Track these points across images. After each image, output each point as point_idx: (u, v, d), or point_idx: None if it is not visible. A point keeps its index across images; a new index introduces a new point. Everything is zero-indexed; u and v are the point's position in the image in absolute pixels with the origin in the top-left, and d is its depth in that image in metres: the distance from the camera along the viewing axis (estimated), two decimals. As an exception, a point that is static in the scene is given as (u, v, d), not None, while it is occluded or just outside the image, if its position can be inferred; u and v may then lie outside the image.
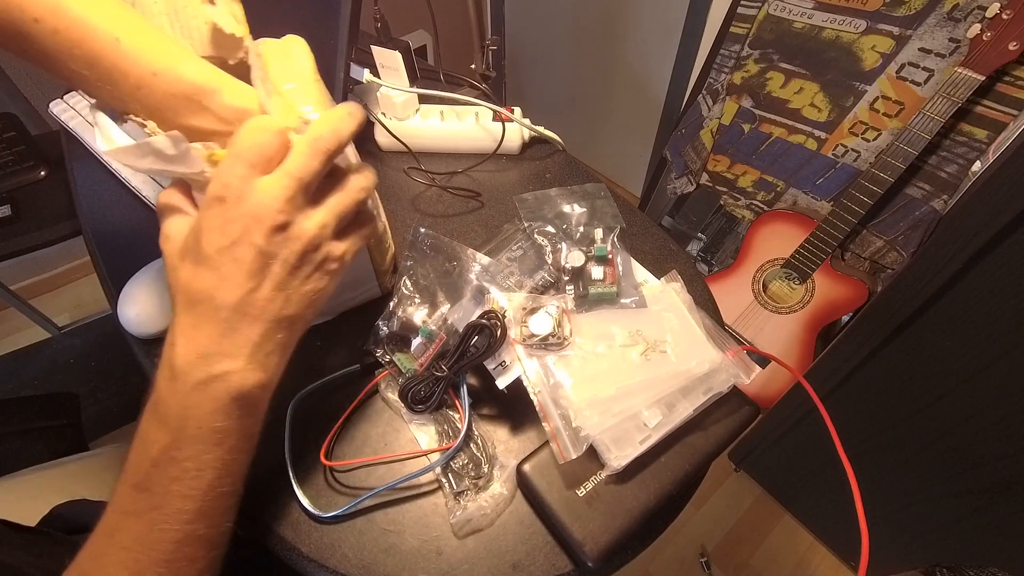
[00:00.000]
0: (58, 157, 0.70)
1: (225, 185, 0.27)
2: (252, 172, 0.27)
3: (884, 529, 0.90)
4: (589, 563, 0.34)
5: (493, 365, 0.38)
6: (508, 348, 0.38)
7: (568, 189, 0.55)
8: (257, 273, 0.28)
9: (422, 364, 0.41)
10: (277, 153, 0.28)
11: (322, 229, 0.29)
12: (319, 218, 0.29)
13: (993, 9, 0.75)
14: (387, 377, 0.43)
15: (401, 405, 0.41)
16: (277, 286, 0.28)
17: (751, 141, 1.15)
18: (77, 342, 1.37)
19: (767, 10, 1.02)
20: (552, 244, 0.47)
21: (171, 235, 0.30)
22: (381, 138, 0.63)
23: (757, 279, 1.14)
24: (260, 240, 0.27)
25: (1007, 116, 0.81)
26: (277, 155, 0.28)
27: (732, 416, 0.39)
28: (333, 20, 0.51)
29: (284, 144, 0.28)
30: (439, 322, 0.42)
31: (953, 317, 0.62)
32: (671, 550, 1.10)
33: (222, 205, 0.27)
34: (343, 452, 0.40)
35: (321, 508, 0.36)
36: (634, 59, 1.44)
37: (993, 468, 0.68)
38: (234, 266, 0.27)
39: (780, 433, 0.99)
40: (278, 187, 0.27)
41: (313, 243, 0.29)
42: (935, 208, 0.92)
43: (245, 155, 0.27)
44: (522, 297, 0.40)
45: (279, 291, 0.29)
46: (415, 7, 0.75)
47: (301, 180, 0.28)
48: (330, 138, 0.29)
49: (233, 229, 0.27)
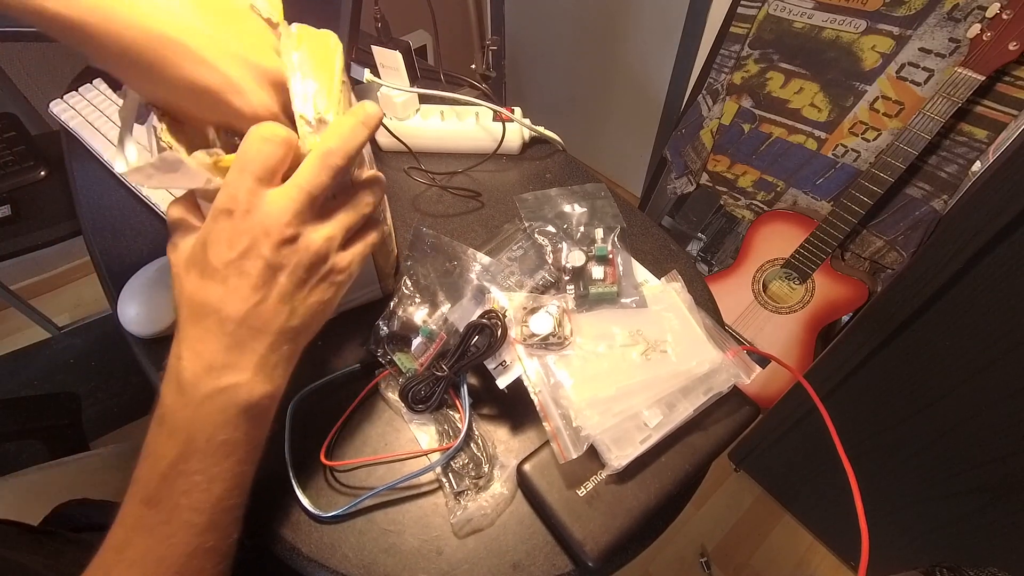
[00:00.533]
0: (58, 157, 0.70)
1: (232, 197, 0.27)
2: (259, 184, 0.27)
3: (884, 529, 0.90)
4: (589, 563, 0.34)
5: (493, 365, 0.38)
6: (509, 348, 0.38)
7: (568, 189, 0.56)
8: (264, 286, 0.28)
9: (422, 364, 0.41)
10: (283, 164, 0.28)
11: (329, 242, 0.30)
12: (327, 231, 0.29)
13: (993, 9, 0.75)
14: (387, 377, 0.43)
15: (401, 405, 0.41)
16: (283, 299, 0.28)
17: (751, 141, 1.15)
18: (77, 342, 1.37)
19: (767, 10, 1.02)
20: (553, 244, 0.47)
21: (179, 245, 0.29)
22: (381, 138, 0.63)
23: (757, 279, 1.14)
24: (268, 253, 0.27)
25: (1007, 116, 0.81)
26: (283, 166, 0.28)
27: (732, 416, 0.39)
28: (333, 20, 0.52)
29: (290, 154, 0.28)
30: (439, 322, 0.42)
31: (953, 317, 0.62)
32: (671, 550, 1.10)
33: (229, 218, 0.27)
34: (343, 452, 0.40)
35: (321, 508, 0.36)
36: (634, 59, 1.44)
37: (993, 468, 0.68)
38: (240, 279, 0.27)
39: (780, 433, 0.99)
40: (286, 200, 0.27)
41: (320, 256, 0.29)
42: (935, 208, 0.92)
43: (250, 167, 0.27)
44: (523, 297, 0.40)
45: (285, 303, 0.29)
46: (415, 7, 0.75)
47: (310, 194, 0.28)
48: (340, 152, 0.29)
49: (240, 241, 0.27)
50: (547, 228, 0.49)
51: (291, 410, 0.40)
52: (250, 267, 0.27)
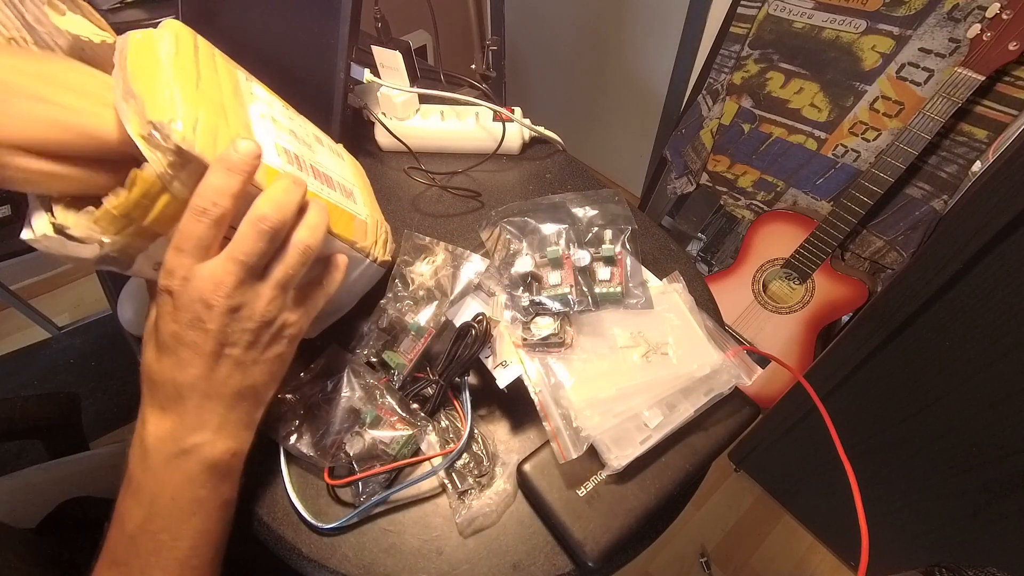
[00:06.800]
0: (58, 157, 0.70)
1: (169, 273, 0.27)
2: (193, 261, 0.27)
3: (884, 529, 0.90)
4: (589, 563, 0.34)
5: (494, 364, 0.38)
6: (509, 347, 0.38)
7: (582, 194, 0.53)
8: (212, 355, 0.28)
9: (411, 359, 0.41)
10: (216, 238, 0.27)
11: (273, 303, 0.29)
12: (269, 294, 0.29)
13: (993, 9, 0.75)
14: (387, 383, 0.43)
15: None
16: (235, 363, 0.29)
17: (751, 141, 1.15)
18: (77, 342, 1.37)
19: (767, 10, 1.02)
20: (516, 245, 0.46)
21: (151, 313, 0.30)
22: (381, 138, 0.63)
23: (757, 279, 1.14)
24: (212, 325, 0.27)
25: (1007, 116, 0.81)
26: (217, 240, 0.27)
27: (732, 416, 0.39)
28: (333, 20, 0.52)
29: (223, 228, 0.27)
30: (431, 322, 0.42)
31: (953, 317, 0.62)
32: (671, 550, 1.10)
33: (171, 295, 0.27)
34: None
35: (323, 517, 0.36)
36: (634, 59, 1.44)
37: (993, 468, 0.68)
38: (189, 350, 0.28)
39: (780, 433, 0.99)
40: (222, 272, 0.27)
41: (266, 320, 0.29)
42: (935, 208, 0.92)
43: (185, 246, 0.26)
44: (505, 298, 0.40)
45: (237, 367, 0.29)
46: (415, 7, 0.75)
47: (245, 263, 0.27)
48: (274, 216, 0.28)
49: (183, 317, 0.27)
50: (512, 229, 0.47)
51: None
52: (196, 339, 0.27)
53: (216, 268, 0.27)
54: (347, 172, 0.45)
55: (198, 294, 0.27)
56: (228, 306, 0.27)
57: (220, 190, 0.26)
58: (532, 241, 0.45)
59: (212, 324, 0.27)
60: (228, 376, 0.29)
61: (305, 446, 0.37)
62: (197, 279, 0.27)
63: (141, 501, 0.28)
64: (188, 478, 0.28)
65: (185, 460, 0.28)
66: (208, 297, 0.27)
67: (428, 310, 0.43)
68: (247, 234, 0.27)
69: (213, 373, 0.28)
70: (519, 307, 0.40)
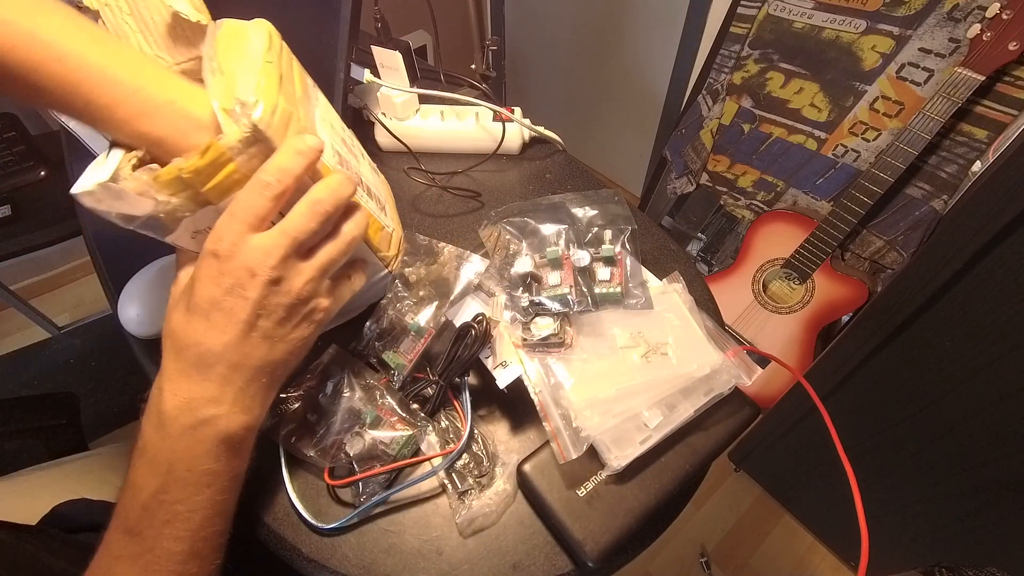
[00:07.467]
0: (58, 157, 0.70)
1: (219, 239, 0.28)
2: (247, 229, 0.28)
3: (884, 529, 0.90)
4: (589, 563, 0.34)
5: (494, 365, 0.38)
6: (509, 348, 0.38)
7: (582, 194, 0.54)
8: (245, 324, 0.28)
9: (411, 360, 0.41)
10: (272, 213, 0.28)
11: (312, 284, 0.30)
12: (310, 273, 0.30)
13: (993, 9, 0.75)
14: (387, 384, 0.43)
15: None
16: (264, 336, 0.29)
17: (751, 141, 1.15)
18: (77, 342, 1.37)
19: (767, 10, 1.02)
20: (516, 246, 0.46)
21: (179, 278, 0.31)
22: (381, 138, 0.63)
23: (757, 279, 1.14)
24: (252, 294, 0.28)
25: (1007, 116, 0.81)
26: (272, 214, 0.28)
27: (732, 416, 0.39)
28: (333, 20, 0.52)
29: (279, 205, 0.29)
30: (431, 322, 0.42)
31: (953, 317, 0.62)
32: (671, 550, 1.10)
33: (216, 259, 0.28)
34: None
35: (323, 517, 0.36)
36: (634, 59, 1.44)
37: (993, 468, 0.68)
38: (223, 316, 0.28)
39: (780, 433, 0.99)
40: (272, 244, 0.28)
41: (302, 299, 0.30)
42: (935, 208, 0.92)
43: (241, 215, 0.28)
44: (505, 299, 0.40)
45: (265, 340, 0.30)
46: (415, 7, 0.75)
47: (296, 239, 0.29)
48: (329, 200, 0.29)
49: (225, 281, 0.28)
50: (512, 229, 0.47)
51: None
52: (233, 305, 0.28)
53: (267, 240, 0.28)
54: (382, 187, 0.46)
55: (245, 261, 0.28)
56: (271, 277, 0.28)
57: (286, 169, 0.28)
58: (532, 241, 0.45)
59: (252, 292, 0.28)
60: (255, 347, 0.29)
61: (305, 446, 0.37)
62: (248, 247, 0.28)
63: (157, 471, 0.28)
64: (205, 450, 0.29)
65: (202, 431, 0.28)
66: (255, 265, 0.28)
67: (428, 310, 0.43)
68: (302, 212, 0.29)
69: (241, 343, 0.29)
70: (519, 307, 0.40)
